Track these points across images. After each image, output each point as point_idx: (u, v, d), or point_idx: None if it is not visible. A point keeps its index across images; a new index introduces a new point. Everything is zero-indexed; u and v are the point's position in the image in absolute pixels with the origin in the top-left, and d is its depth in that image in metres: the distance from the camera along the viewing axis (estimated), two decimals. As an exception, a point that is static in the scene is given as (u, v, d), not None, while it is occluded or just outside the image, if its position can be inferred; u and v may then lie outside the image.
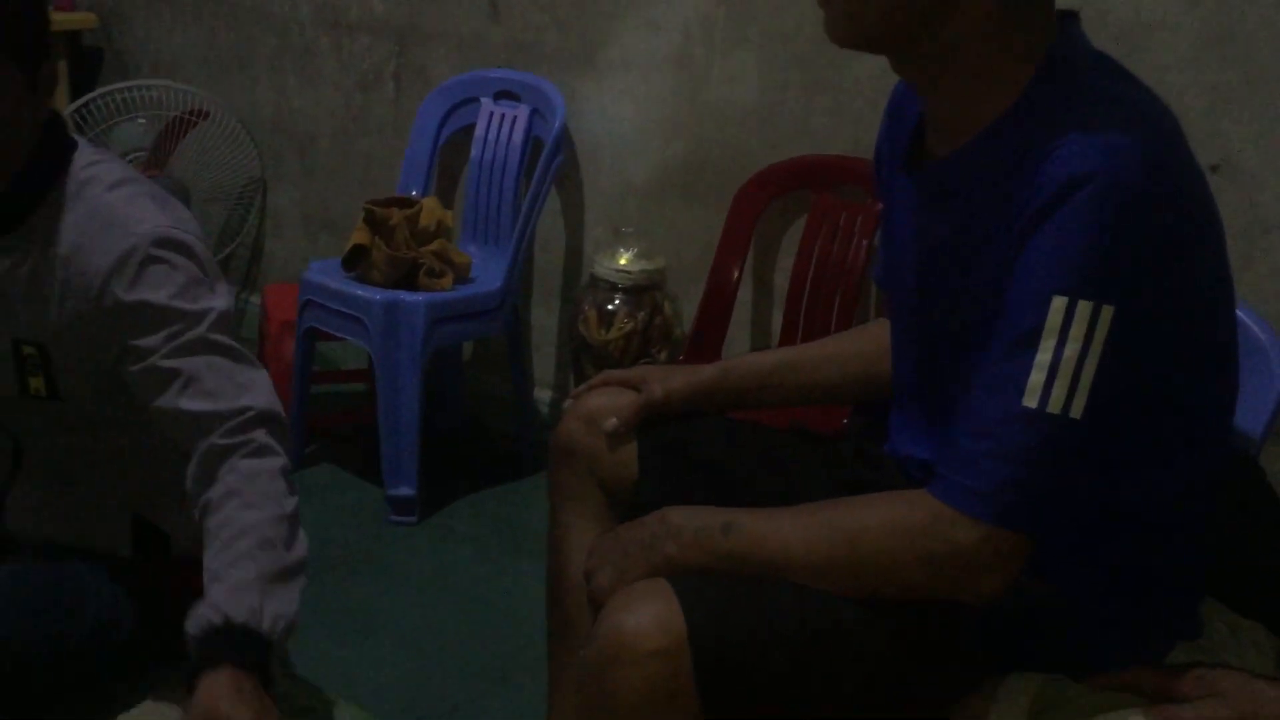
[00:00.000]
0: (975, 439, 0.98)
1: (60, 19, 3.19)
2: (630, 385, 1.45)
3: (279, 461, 1.36)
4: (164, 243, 1.47)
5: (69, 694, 1.69)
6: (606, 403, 1.43)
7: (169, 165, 3.05)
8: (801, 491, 1.22)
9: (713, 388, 1.43)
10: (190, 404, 1.39)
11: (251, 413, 1.36)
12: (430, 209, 2.41)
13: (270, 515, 1.31)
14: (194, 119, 3.06)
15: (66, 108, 2.99)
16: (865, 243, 2.13)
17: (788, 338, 2.23)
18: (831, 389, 1.48)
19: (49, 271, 1.50)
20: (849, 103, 2.18)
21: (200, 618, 1.25)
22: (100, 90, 3.02)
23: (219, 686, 1.21)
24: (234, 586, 1.26)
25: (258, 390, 1.43)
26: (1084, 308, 0.93)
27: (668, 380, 1.43)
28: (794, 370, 1.45)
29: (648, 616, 0.97)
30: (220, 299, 1.54)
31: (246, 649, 1.24)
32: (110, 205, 1.50)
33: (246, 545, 1.29)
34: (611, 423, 1.40)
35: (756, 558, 1.05)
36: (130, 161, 3.02)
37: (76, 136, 1.60)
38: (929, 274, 1.14)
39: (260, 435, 1.36)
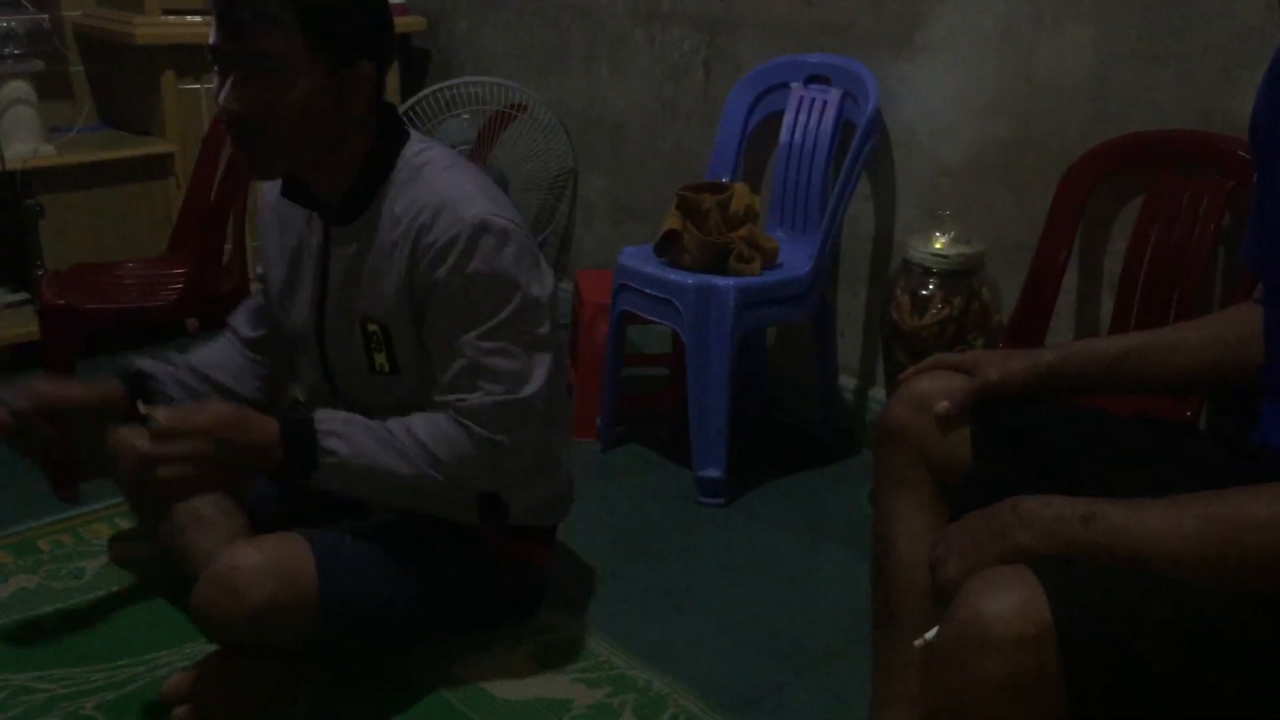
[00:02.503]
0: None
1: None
2: (961, 369, 1.41)
3: (476, 434, 1.60)
4: (485, 228, 1.56)
5: (420, 644, 1.82)
6: (937, 386, 1.40)
7: (490, 157, 3.21)
8: (1157, 482, 1.15)
9: (1053, 373, 1.37)
10: (473, 390, 1.60)
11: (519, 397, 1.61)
12: (740, 194, 2.43)
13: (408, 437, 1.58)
14: (513, 112, 3.21)
15: (399, 107, 3.20)
16: (1212, 226, 1.98)
17: (1119, 326, 2.11)
18: (1185, 377, 1.38)
19: (387, 252, 1.61)
20: (1195, 73, 2.02)
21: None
22: (428, 89, 3.22)
23: (236, 419, 1.53)
24: (341, 419, 1.57)
25: (534, 380, 1.62)
26: None
27: (1003, 364, 1.38)
28: (1144, 356, 1.37)
29: (1010, 602, 0.93)
30: (532, 285, 1.61)
31: (298, 442, 1.54)
32: (440, 191, 1.60)
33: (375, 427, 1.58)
34: (943, 406, 1.37)
35: (1120, 550, 1.00)
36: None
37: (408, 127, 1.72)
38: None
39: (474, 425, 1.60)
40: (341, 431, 1.57)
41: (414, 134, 1.70)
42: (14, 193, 2.89)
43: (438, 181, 1.61)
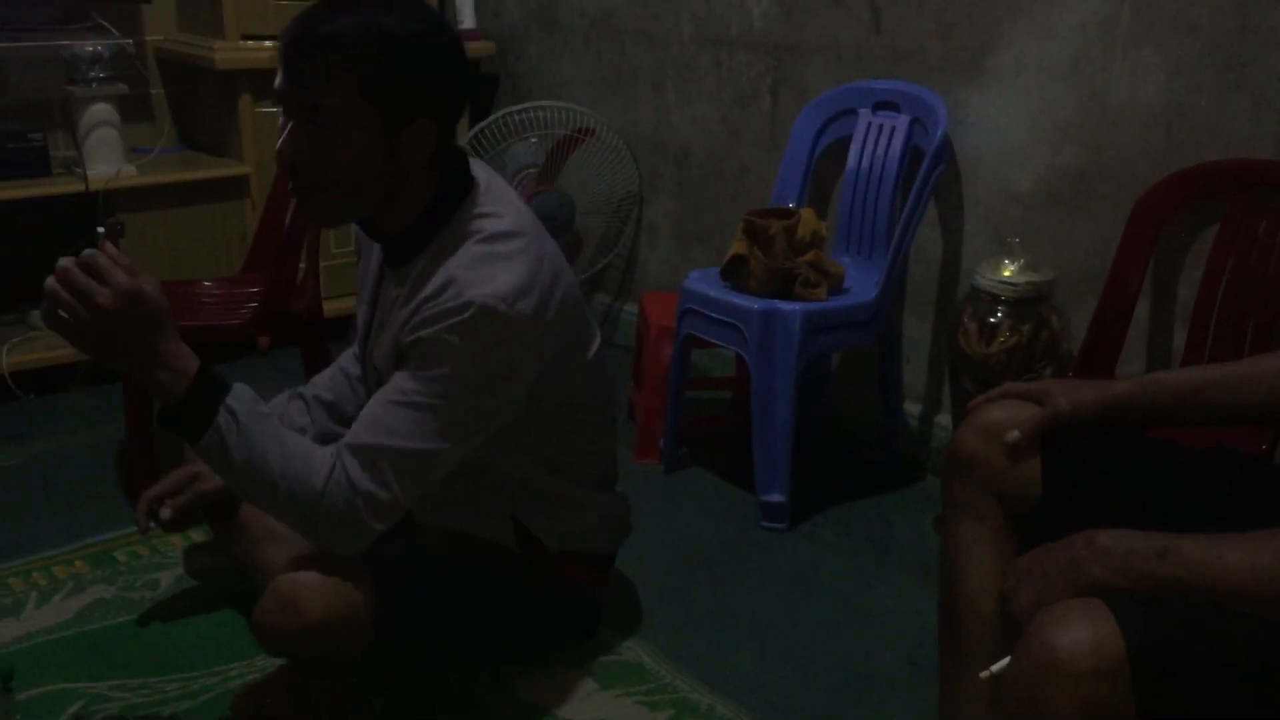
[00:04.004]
0: None
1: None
2: (1032, 398, 1.41)
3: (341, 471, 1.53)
4: (486, 312, 1.51)
5: (476, 663, 1.84)
6: (1007, 415, 1.39)
7: (557, 181, 3.25)
8: (1231, 516, 1.14)
9: (1126, 404, 1.36)
10: (365, 419, 1.56)
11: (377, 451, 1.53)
12: (807, 220, 2.43)
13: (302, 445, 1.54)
14: (581, 136, 3.25)
15: (468, 131, 3.24)
16: (1290, 255, 1.95)
17: (1192, 358, 2.08)
18: (1260, 409, 1.37)
19: (409, 303, 1.60)
20: (1273, 100, 2.00)
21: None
22: (497, 113, 3.26)
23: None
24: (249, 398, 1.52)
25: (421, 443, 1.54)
26: None
27: (1074, 394, 1.38)
28: (1219, 389, 1.35)
29: (1083, 635, 0.93)
30: (500, 371, 1.56)
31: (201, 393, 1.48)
32: (469, 263, 1.55)
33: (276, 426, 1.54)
34: (1013, 435, 1.37)
35: (1195, 585, 0.99)
36: (523, 178, 3.24)
37: (480, 174, 1.66)
38: None
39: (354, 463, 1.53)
40: (244, 413, 1.50)
41: (483, 186, 1.65)
42: (96, 212, 2.97)
43: (469, 254, 1.56)
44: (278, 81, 1.53)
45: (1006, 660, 1.06)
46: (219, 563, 2.01)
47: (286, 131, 1.53)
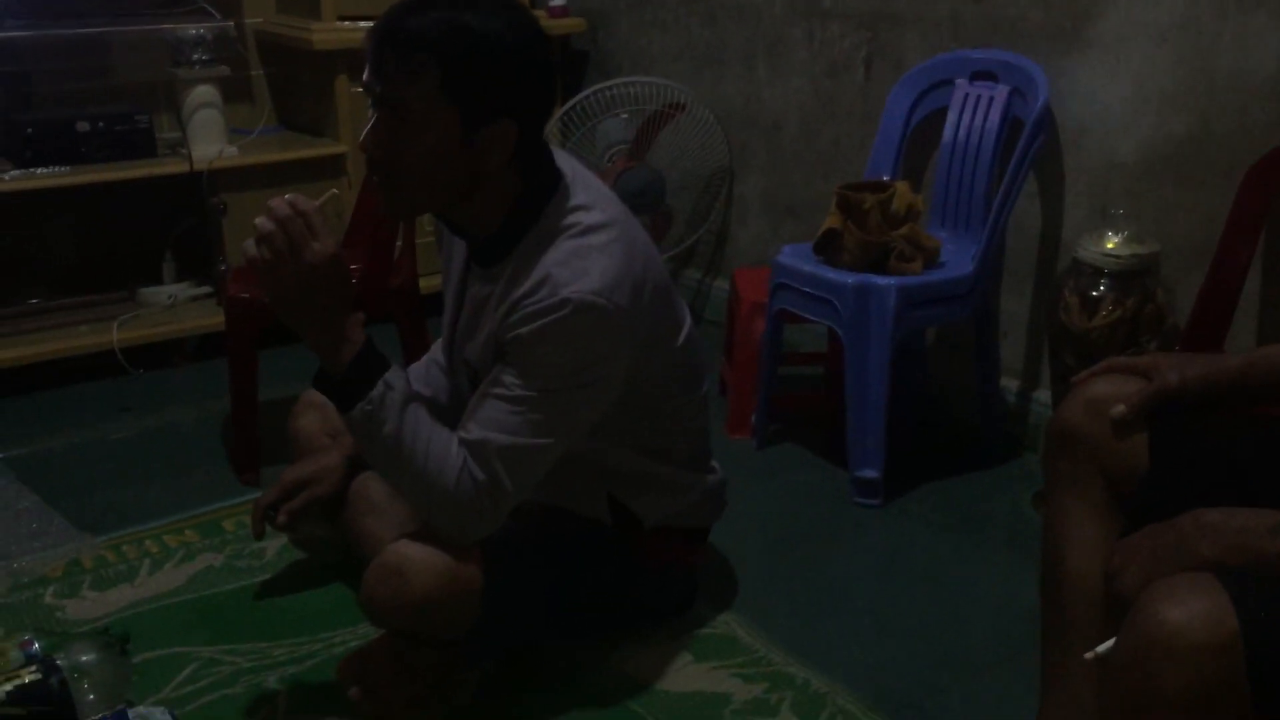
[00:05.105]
0: None
1: (552, 25, 3.49)
2: (1138, 372, 1.38)
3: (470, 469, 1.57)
4: (582, 308, 1.53)
5: (573, 636, 1.87)
6: (1112, 389, 1.37)
7: (647, 156, 3.25)
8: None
9: (1237, 379, 1.33)
10: (473, 413, 1.59)
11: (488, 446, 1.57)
12: (902, 193, 2.40)
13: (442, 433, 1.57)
14: (671, 112, 3.24)
15: (558, 109, 3.25)
16: None
17: (1305, 331, 2.01)
18: (1382, 386, 1.32)
19: (504, 302, 1.61)
20: (1394, 65, 1.92)
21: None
22: (588, 90, 3.27)
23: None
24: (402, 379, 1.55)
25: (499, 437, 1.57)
26: None
27: (1183, 368, 1.34)
28: (1335, 364, 1.31)
29: (1195, 610, 0.91)
30: (600, 364, 1.58)
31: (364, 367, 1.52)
32: (562, 259, 1.56)
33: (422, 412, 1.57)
34: (1119, 409, 1.34)
35: None
36: (612, 154, 3.25)
37: (564, 165, 1.66)
38: None
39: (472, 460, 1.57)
40: (399, 391, 1.54)
41: (575, 180, 1.66)
42: (200, 192, 3.06)
43: (562, 251, 1.57)
44: (365, 74, 1.55)
45: (1112, 641, 1.05)
46: (322, 533, 2.06)
47: (371, 122, 1.56)
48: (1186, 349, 2.08)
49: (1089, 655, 1.09)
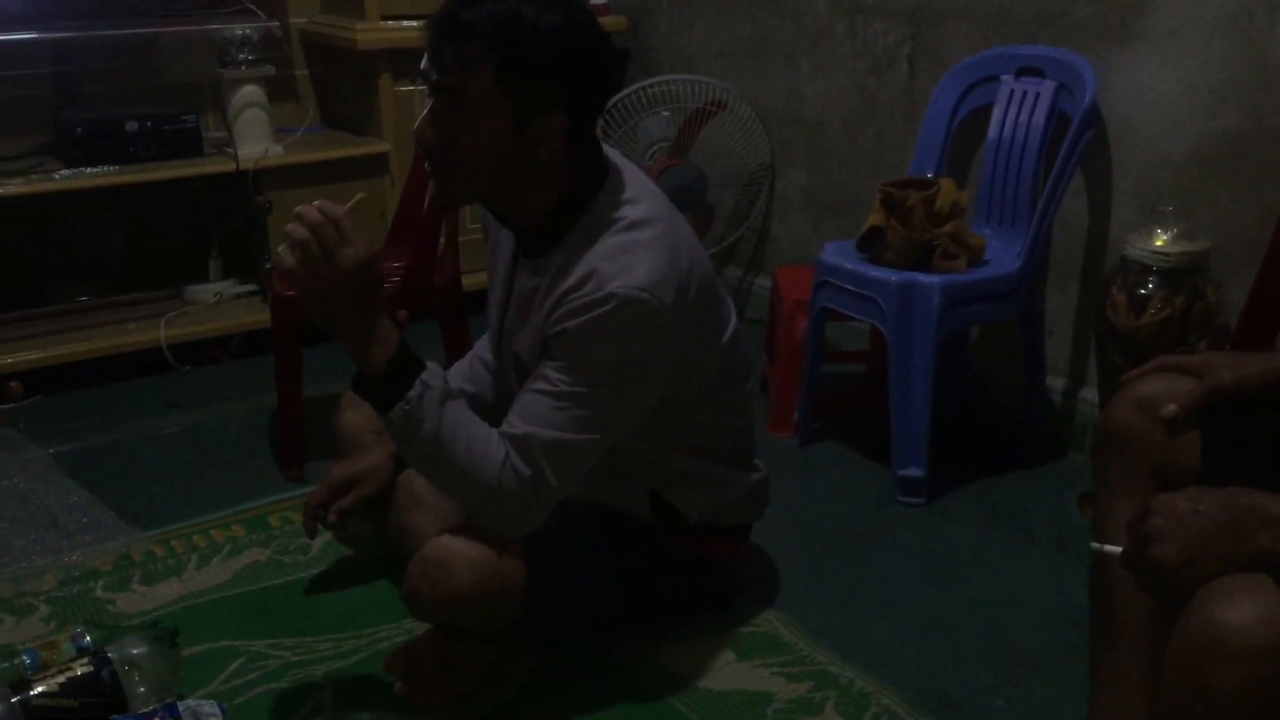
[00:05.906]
0: None
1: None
2: (1189, 371, 1.36)
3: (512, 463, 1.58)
4: (627, 302, 1.53)
5: (614, 631, 1.87)
6: (1163, 388, 1.35)
7: (689, 154, 3.24)
8: None
9: (1292, 378, 1.30)
10: (519, 409, 1.60)
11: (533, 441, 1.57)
12: (947, 190, 2.39)
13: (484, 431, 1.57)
14: (713, 109, 3.24)
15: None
16: None
17: (1360, 329, 1.97)
18: None
19: (550, 295, 1.62)
20: None
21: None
22: (629, 88, 3.27)
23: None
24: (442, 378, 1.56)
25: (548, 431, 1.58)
26: None
27: (1237, 367, 1.33)
28: (1392, 364, 1.28)
29: (1251, 611, 0.90)
30: (646, 359, 1.59)
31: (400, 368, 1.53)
32: (609, 254, 1.57)
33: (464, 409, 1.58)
34: (1171, 409, 1.32)
35: None
36: (654, 152, 3.25)
37: (612, 159, 1.66)
38: None
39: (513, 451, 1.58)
40: (437, 391, 1.54)
41: (623, 175, 1.66)
42: (246, 190, 3.09)
43: (608, 245, 1.58)
44: (423, 63, 1.57)
45: (1121, 549, 1.06)
46: (367, 529, 2.08)
47: (426, 110, 1.57)
48: (1237, 348, 2.05)
49: (1094, 545, 1.08)
